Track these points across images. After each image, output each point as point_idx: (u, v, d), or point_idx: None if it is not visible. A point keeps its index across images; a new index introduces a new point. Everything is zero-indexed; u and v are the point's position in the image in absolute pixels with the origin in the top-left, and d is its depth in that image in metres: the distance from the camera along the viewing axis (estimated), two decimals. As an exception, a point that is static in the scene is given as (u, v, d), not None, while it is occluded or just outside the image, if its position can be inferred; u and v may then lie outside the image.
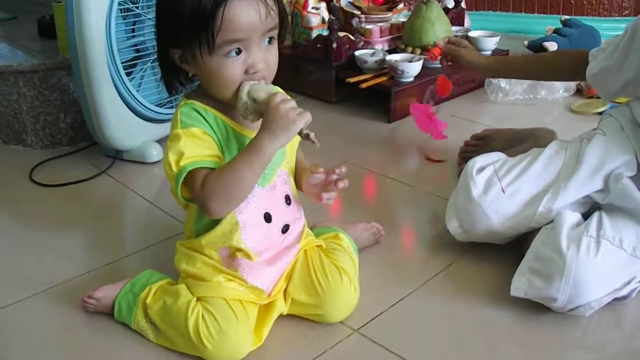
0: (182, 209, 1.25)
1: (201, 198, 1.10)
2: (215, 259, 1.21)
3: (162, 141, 2.04)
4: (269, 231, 1.22)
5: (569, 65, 1.63)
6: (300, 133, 1.09)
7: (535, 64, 1.75)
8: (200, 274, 1.21)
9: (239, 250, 1.19)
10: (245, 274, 1.20)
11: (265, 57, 1.11)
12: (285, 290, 1.26)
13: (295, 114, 1.07)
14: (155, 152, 2.02)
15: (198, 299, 1.18)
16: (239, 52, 1.09)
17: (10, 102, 2.16)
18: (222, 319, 1.14)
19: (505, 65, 1.82)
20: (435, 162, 1.96)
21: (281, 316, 1.26)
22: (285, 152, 1.25)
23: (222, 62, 1.08)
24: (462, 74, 2.35)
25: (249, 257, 1.20)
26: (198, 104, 1.15)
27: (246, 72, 1.10)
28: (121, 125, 1.95)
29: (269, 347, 1.21)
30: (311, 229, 1.39)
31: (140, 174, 1.97)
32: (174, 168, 1.09)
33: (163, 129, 2.05)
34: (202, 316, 1.14)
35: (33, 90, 2.13)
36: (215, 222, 1.18)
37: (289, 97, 1.11)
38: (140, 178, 1.96)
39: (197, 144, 1.11)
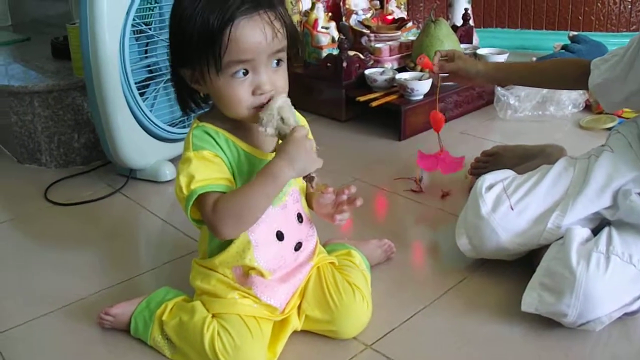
0: (195, 228, 1.26)
1: (212, 221, 1.11)
2: (230, 277, 1.22)
3: (175, 160, 2.06)
4: (281, 249, 1.24)
5: (571, 74, 1.62)
6: (310, 177, 1.13)
7: (536, 72, 1.73)
8: (215, 291, 1.23)
9: (252, 268, 1.21)
10: (259, 292, 1.21)
11: (273, 79, 1.13)
12: (299, 306, 1.28)
13: (313, 146, 1.11)
14: (168, 172, 2.04)
15: (213, 316, 1.20)
16: (246, 73, 1.10)
17: (25, 122, 2.19)
18: (237, 335, 1.16)
19: (506, 72, 1.79)
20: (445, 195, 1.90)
21: (295, 332, 1.27)
22: (296, 172, 1.27)
23: (229, 82, 1.10)
24: (461, 84, 2.35)
25: (262, 275, 1.22)
26: (210, 126, 1.16)
27: (253, 93, 1.11)
28: (135, 145, 1.98)
29: (283, 362, 1.23)
30: (323, 245, 1.41)
31: (154, 193, 2.00)
32: (185, 191, 1.11)
33: (176, 149, 2.08)
34: (218, 332, 1.16)
35: (47, 111, 2.17)
36: (228, 242, 1.20)
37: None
38: (154, 197, 1.98)
39: (208, 167, 1.12)
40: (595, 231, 1.35)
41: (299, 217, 1.28)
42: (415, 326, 1.32)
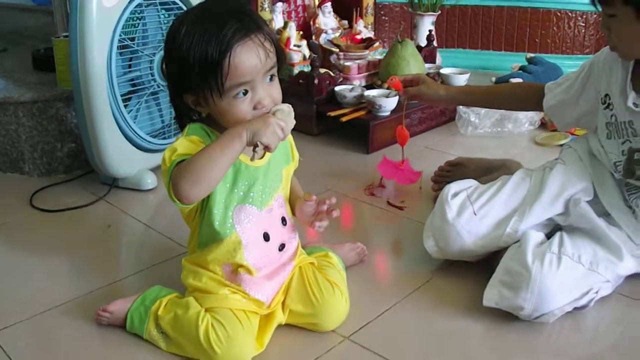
0: (180, 231, 1.34)
1: (174, 179, 1.17)
2: (220, 274, 1.33)
3: (156, 170, 2.15)
4: (267, 249, 1.36)
5: (527, 97, 1.75)
6: (256, 144, 1.17)
7: (495, 95, 1.84)
8: (207, 287, 1.33)
9: (241, 266, 1.32)
10: (248, 288, 1.32)
11: (270, 93, 1.25)
12: (283, 302, 1.39)
13: (278, 131, 1.18)
14: (150, 180, 2.13)
15: (206, 310, 1.29)
16: (245, 92, 1.22)
17: (9, 132, 2.25)
18: (230, 327, 1.26)
19: (467, 95, 1.89)
20: (396, 207, 2.00)
21: (280, 325, 1.38)
22: (281, 179, 1.39)
23: (232, 102, 1.22)
24: (426, 104, 2.50)
25: (250, 272, 1.33)
26: (205, 126, 1.28)
27: (255, 108, 1.23)
28: (119, 154, 2.06)
29: (269, 353, 1.33)
30: (303, 248, 1.51)
31: (137, 201, 2.08)
32: (167, 163, 1.20)
33: (157, 159, 2.14)
34: (212, 324, 1.26)
35: (32, 121, 2.23)
36: (216, 234, 1.30)
37: (288, 130, 1.23)
38: (137, 204, 2.05)
39: (191, 146, 1.22)
40: (549, 236, 1.48)
41: (283, 221, 1.39)
42: (388, 320, 1.44)
